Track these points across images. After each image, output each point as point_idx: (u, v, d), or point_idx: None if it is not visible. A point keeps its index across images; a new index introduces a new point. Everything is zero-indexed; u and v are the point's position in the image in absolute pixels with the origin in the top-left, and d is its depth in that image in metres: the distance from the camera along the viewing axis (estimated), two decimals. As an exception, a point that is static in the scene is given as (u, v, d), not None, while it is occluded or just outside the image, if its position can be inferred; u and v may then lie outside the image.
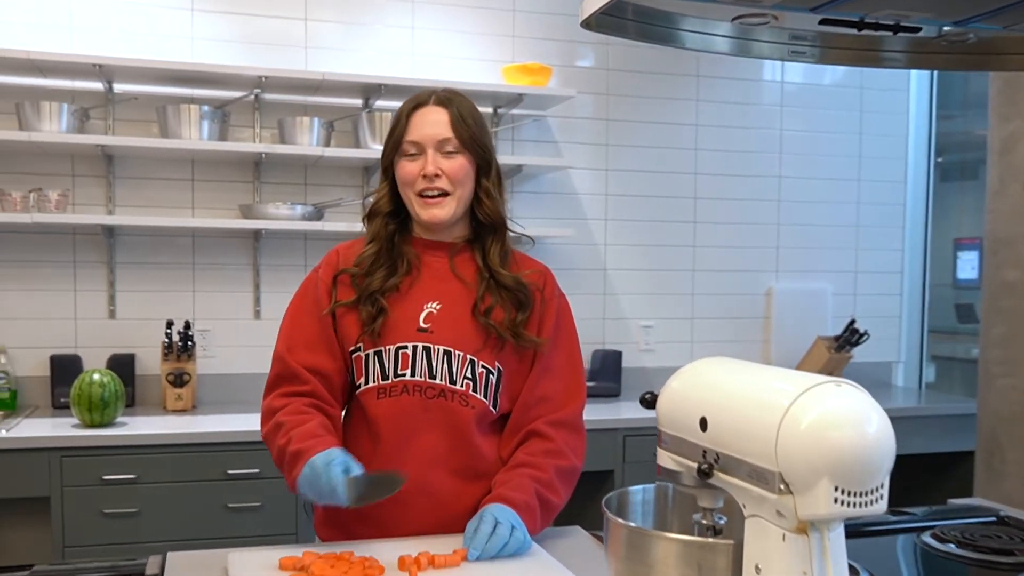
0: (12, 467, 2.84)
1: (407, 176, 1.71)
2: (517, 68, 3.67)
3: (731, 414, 1.10)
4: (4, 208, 3.19)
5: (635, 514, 1.37)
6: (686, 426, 1.16)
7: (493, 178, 1.76)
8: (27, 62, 3.13)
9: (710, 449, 1.12)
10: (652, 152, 4.09)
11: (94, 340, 3.44)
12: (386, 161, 1.75)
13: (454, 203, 1.70)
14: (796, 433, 0.99)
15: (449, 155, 1.69)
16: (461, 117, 1.70)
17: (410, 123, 1.71)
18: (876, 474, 1.00)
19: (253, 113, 3.57)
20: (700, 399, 1.16)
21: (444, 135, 1.69)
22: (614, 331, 4.09)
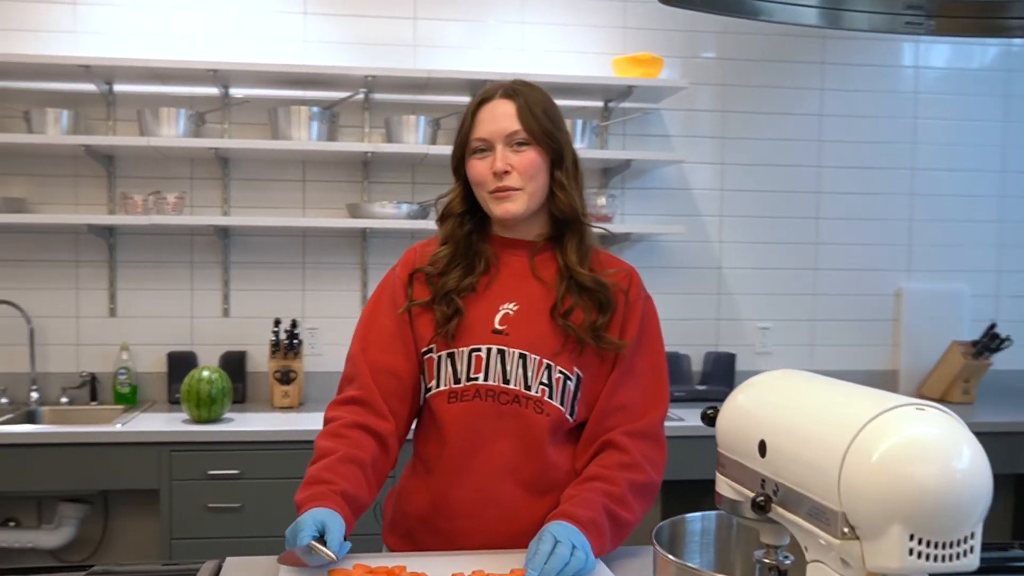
0: (125, 460, 2.95)
1: (478, 176, 1.64)
2: (627, 60, 3.56)
3: (792, 439, 0.95)
4: (127, 210, 3.32)
5: (692, 547, 1.24)
6: (745, 449, 1.03)
7: (567, 169, 1.67)
8: (146, 70, 3.25)
9: (769, 478, 0.98)
10: (772, 144, 3.90)
11: (209, 338, 3.55)
12: (456, 160, 1.70)
13: (526, 197, 1.62)
14: (864, 466, 0.83)
15: (519, 148, 1.62)
16: (528, 108, 1.62)
17: (477, 119, 1.65)
18: (964, 521, 0.83)
19: (362, 113, 3.60)
20: (761, 419, 1.01)
21: (512, 128, 1.62)
22: (728, 332, 3.93)
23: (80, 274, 3.48)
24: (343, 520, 1.45)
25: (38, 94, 3.41)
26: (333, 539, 1.39)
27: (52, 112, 3.23)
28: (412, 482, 1.72)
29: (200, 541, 2.97)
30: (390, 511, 1.77)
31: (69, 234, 3.44)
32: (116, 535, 3.49)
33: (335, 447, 1.56)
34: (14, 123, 3.34)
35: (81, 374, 3.43)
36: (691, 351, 3.82)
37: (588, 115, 3.67)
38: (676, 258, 3.85)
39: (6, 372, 3.42)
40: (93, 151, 3.28)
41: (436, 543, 1.64)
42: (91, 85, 3.36)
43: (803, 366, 4.13)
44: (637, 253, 3.82)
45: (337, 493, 1.48)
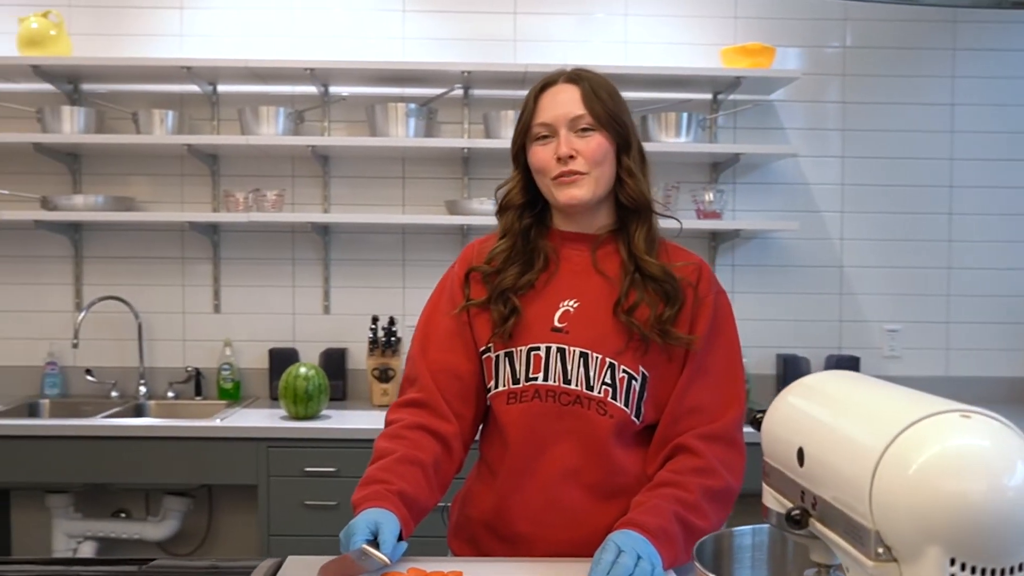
0: (225, 455, 2.98)
1: (540, 162, 1.56)
2: (736, 50, 3.37)
3: (827, 446, 0.84)
4: (228, 208, 3.36)
5: (741, 563, 1.10)
6: (786, 458, 0.91)
7: (634, 156, 1.57)
8: (246, 70, 3.28)
9: (808, 490, 0.87)
10: (898, 136, 3.62)
11: (310, 334, 3.56)
12: (516, 148, 1.61)
13: (592, 183, 1.54)
14: (899, 480, 0.72)
15: (584, 133, 1.53)
16: (593, 92, 1.54)
17: (539, 105, 1.57)
18: (1016, 547, 0.71)
19: (462, 109, 3.54)
20: (800, 424, 0.90)
21: (576, 112, 1.53)
22: (852, 335, 3.68)
23: (186, 271, 3.56)
24: (398, 521, 1.39)
25: (148, 96, 3.50)
26: (386, 541, 1.34)
27: (158, 113, 3.30)
28: (476, 485, 1.66)
29: (297, 538, 2.97)
30: (455, 515, 1.71)
31: (176, 232, 3.52)
32: (220, 529, 3.56)
33: (394, 448, 1.52)
34: (125, 125, 3.44)
35: (187, 369, 3.51)
36: (811, 354, 3.59)
37: (696, 108, 3.50)
38: (791, 256, 3.62)
39: (117, 366, 3.53)
40: (196, 150, 3.34)
41: (499, 549, 1.58)
42: (195, 86, 3.42)
43: (937, 371, 3.90)
44: (748, 251, 3.62)
45: (394, 493, 1.43)
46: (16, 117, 3.41)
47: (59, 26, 3.29)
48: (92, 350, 3.49)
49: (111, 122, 3.47)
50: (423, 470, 1.50)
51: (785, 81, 3.40)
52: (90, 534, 3.32)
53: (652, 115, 3.36)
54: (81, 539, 3.31)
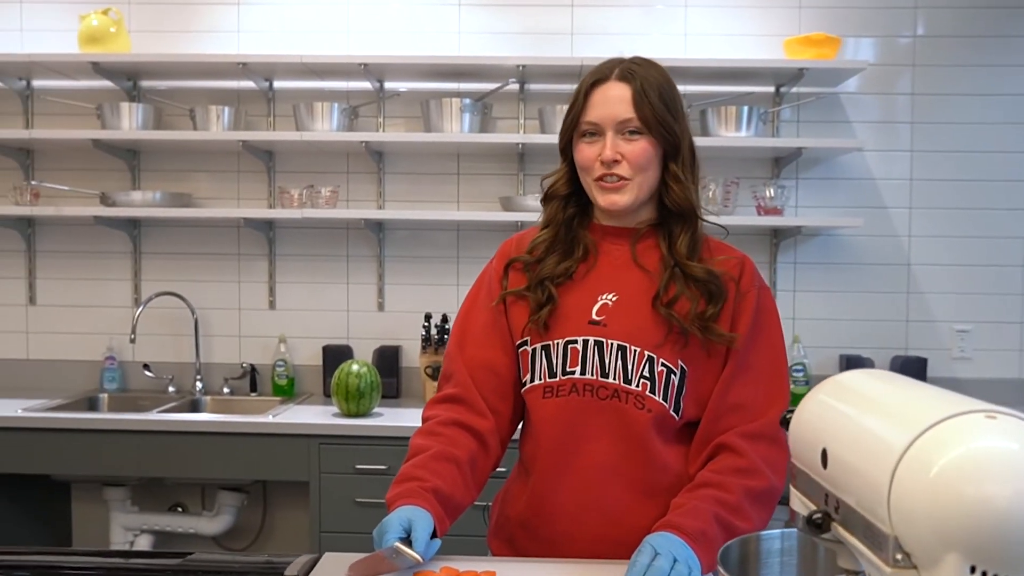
0: (278, 451, 2.98)
1: (584, 161, 1.53)
2: (799, 41, 3.26)
3: (849, 448, 0.80)
4: (283, 204, 3.36)
5: (770, 568, 1.05)
6: (810, 459, 0.87)
7: (682, 161, 1.53)
8: (301, 66, 3.27)
9: (831, 493, 0.83)
10: (972, 129, 3.48)
11: (363, 331, 3.55)
12: (563, 141, 1.58)
13: (635, 189, 1.51)
14: (919, 483, 0.69)
15: (631, 137, 1.49)
16: (644, 93, 1.48)
17: (589, 101, 1.53)
18: None
19: (518, 104, 3.49)
20: (825, 424, 0.86)
21: (624, 115, 1.49)
22: (919, 335, 3.55)
23: (242, 267, 3.57)
24: (432, 518, 1.37)
25: (205, 92, 3.52)
26: (419, 539, 1.32)
27: (215, 109, 3.32)
28: (515, 484, 1.64)
29: (349, 536, 2.95)
30: (495, 514, 1.69)
31: (231, 228, 3.54)
32: (273, 525, 3.57)
33: (429, 444, 1.50)
34: (182, 121, 3.46)
35: (242, 365, 3.52)
36: (876, 354, 3.48)
37: (758, 101, 3.41)
38: (856, 254, 3.51)
39: (175, 361, 3.56)
40: (251, 146, 3.34)
41: (537, 549, 1.55)
42: (251, 83, 3.42)
43: (1010, 373, 3.74)
44: (813, 248, 3.51)
45: (428, 490, 1.41)
46: (76, 114, 3.45)
47: (119, 23, 3.33)
48: (150, 345, 3.52)
49: (169, 118, 3.50)
50: (459, 467, 1.48)
51: (851, 72, 3.29)
52: (146, 527, 3.36)
53: (712, 109, 3.27)
54: (138, 532, 3.35)
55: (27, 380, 3.55)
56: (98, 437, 2.99)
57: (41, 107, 3.53)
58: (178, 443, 2.99)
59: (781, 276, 3.53)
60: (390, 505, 1.40)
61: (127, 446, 2.99)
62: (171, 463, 3.01)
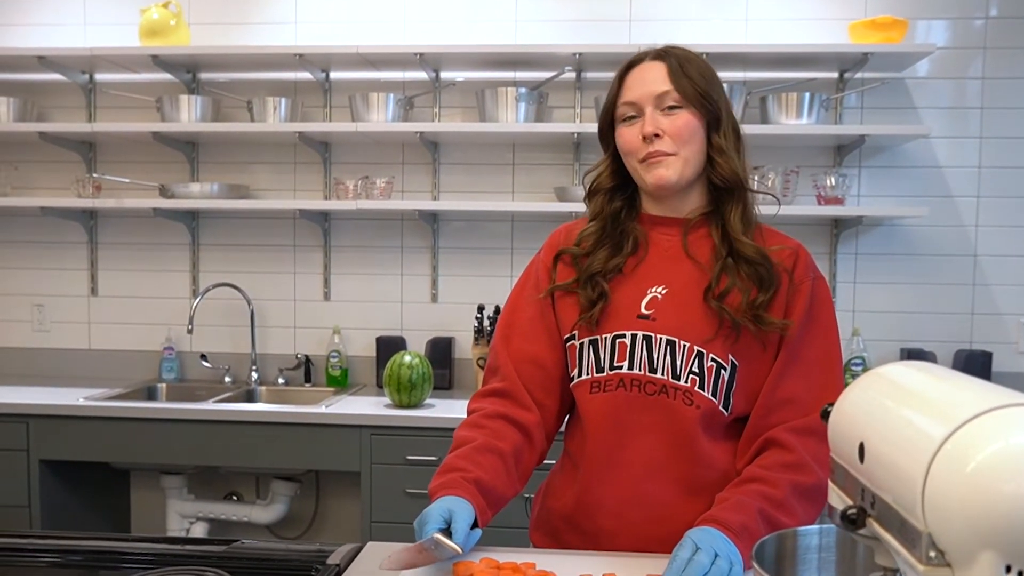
0: (330, 441, 2.99)
1: (627, 144, 1.49)
2: (865, 24, 3.18)
3: (885, 442, 0.77)
4: (338, 196, 3.37)
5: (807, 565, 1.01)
6: (848, 453, 0.84)
7: (725, 133, 1.49)
8: (357, 56, 3.27)
9: (868, 488, 0.80)
10: (1043, 114, 3.37)
11: (417, 323, 3.55)
12: (603, 132, 1.56)
13: (680, 163, 1.46)
14: (955, 479, 0.66)
15: (670, 111, 1.46)
16: (680, 68, 1.47)
17: (624, 84, 1.52)
18: None
19: (574, 93, 3.46)
20: (863, 417, 0.83)
21: (662, 89, 1.46)
22: (984, 328, 3.44)
23: (297, 258, 3.59)
24: (473, 509, 1.35)
25: (262, 84, 3.55)
26: (459, 530, 1.30)
27: (272, 101, 3.33)
28: (559, 477, 1.61)
29: (399, 526, 2.94)
30: (537, 507, 1.67)
31: (287, 219, 3.55)
32: (326, 514, 3.58)
33: (473, 436, 1.48)
34: (240, 113, 3.49)
35: (297, 356, 3.53)
36: (939, 348, 3.38)
37: (821, 87, 3.33)
38: (920, 244, 3.41)
39: (231, 352, 3.59)
40: (307, 138, 3.35)
41: (580, 543, 1.53)
42: (307, 74, 3.44)
43: (1076, 368, 3.62)
44: (875, 238, 3.43)
45: (470, 481, 1.39)
46: (136, 107, 3.50)
47: (178, 16, 3.36)
48: (207, 336, 3.56)
49: (227, 110, 3.53)
50: (502, 459, 1.45)
51: (918, 56, 3.20)
52: (202, 515, 3.39)
53: (772, 96, 3.21)
54: (194, 519, 3.38)
55: (89, 369, 3.61)
56: (156, 426, 3.02)
57: (103, 100, 3.59)
58: (233, 432, 3.01)
59: (841, 267, 3.45)
60: (432, 495, 1.39)
61: (184, 435, 3.02)
62: (226, 452, 3.04)
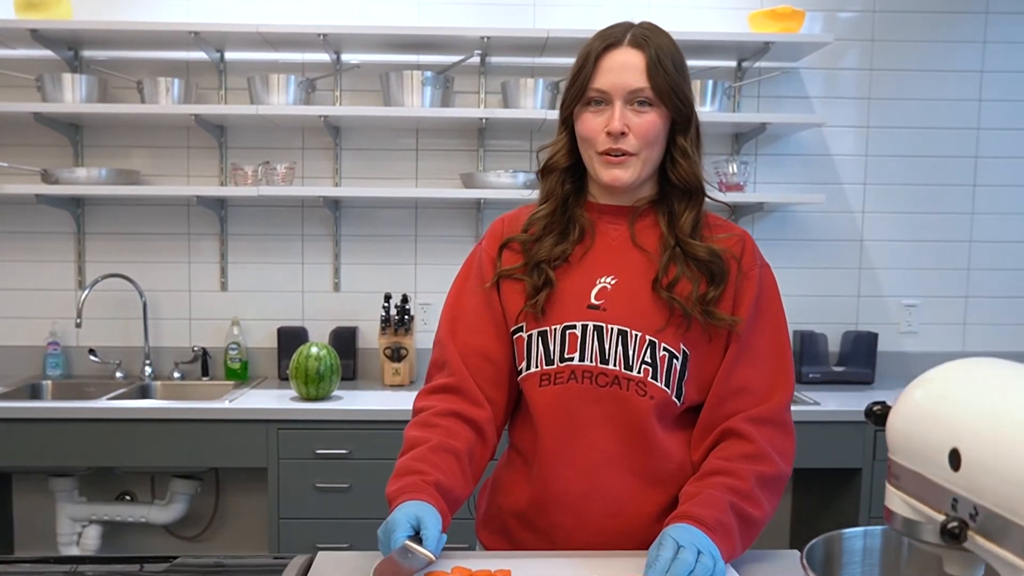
0: (234, 437, 2.87)
1: (589, 132, 1.44)
2: (764, 14, 3.25)
3: (998, 450, 0.73)
4: (236, 181, 3.24)
5: (851, 569, 1.01)
6: (930, 459, 0.81)
7: (691, 136, 1.46)
8: (256, 36, 3.14)
9: (964, 498, 0.76)
10: (924, 105, 3.53)
11: (319, 313, 3.45)
12: (566, 109, 1.48)
13: (639, 164, 1.43)
14: None
15: (640, 109, 1.41)
16: (659, 62, 1.40)
17: (598, 67, 1.43)
18: None
19: (478, 77, 3.42)
20: (952, 422, 0.80)
21: (636, 84, 1.40)
22: (870, 310, 3.60)
23: (192, 247, 3.43)
24: (439, 514, 1.30)
25: (152, 64, 3.36)
26: (429, 536, 1.25)
27: (164, 81, 3.16)
28: (508, 473, 1.56)
29: (308, 521, 2.88)
30: (484, 504, 1.62)
31: (181, 206, 3.39)
32: (227, 512, 3.46)
33: (427, 436, 1.41)
34: (129, 94, 3.30)
35: (193, 349, 3.39)
36: (828, 330, 3.52)
37: (720, 76, 3.40)
38: (813, 230, 3.54)
39: (122, 346, 3.40)
40: (203, 121, 3.20)
41: (534, 540, 1.49)
42: (202, 53, 3.27)
43: (953, 347, 3.82)
44: (770, 224, 3.53)
45: (431, 484, 1.34)
46: (15, 86, 3.25)
47: (58, -11, 3.14)
48: (95, 329, 3.37)
49: (114, 91, 3.32)
50: (458, 459, 1.40)
51: (815, 47, 3.29)
52: (95, 518, 3.21)
53: (675, 84, 3.25)
54: (86, 523, 3.20)
55: (-38, 367, 3.37)
56: (42, 426, 2.84)
57: (-27, 78, 3.33)
58: (129, 431, 2.86)
59: (739, 252, 3.53)
60: (392, 501, 1.32)
61: (74, 435, 2.84)
62: (121, 452, 2.88)
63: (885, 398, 3.14)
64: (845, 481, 3.01)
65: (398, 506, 1.30)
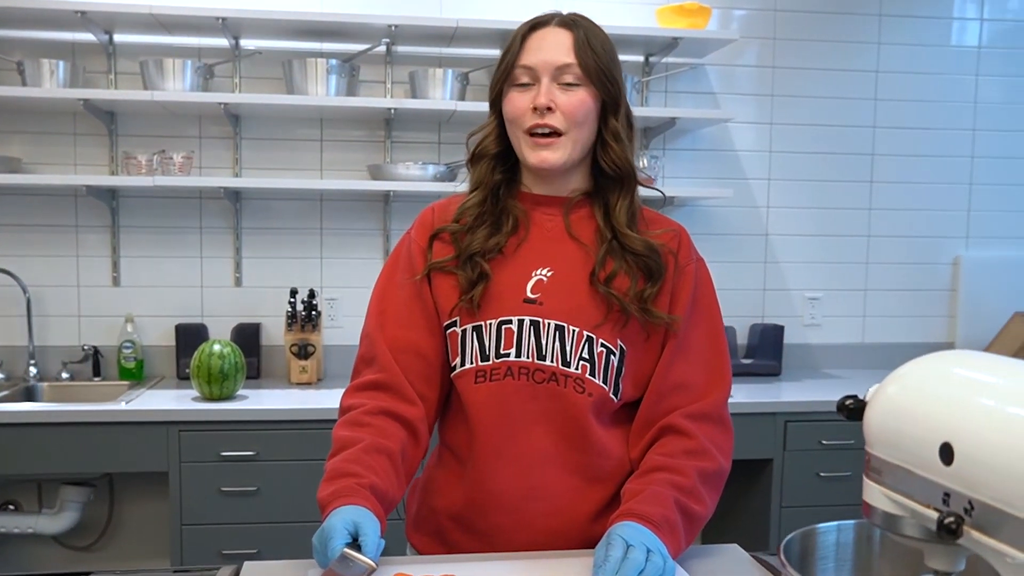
0: (132, 440, 2.72)
1: (515, 110, 1.40)
2: (672, 9, 3.27)
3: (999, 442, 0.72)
4: (129, 171, 3.07)
5: (826, 564, 1.00)
6: (916, 454, 0.80)
7: (623, 119, 1.43)
8: (149, 17, 2.97)
9: (958, 492, 0.75)
10: (824, 103, 3.61)
11: (220, 309, 3.31)
12: (494, 92, 1.44)
13: (569, 145, 1.39)
14: None
15: (568, 87, 1.38)
16: (587, 42, 1.38)
17: (525, 46, 1.40)
18: None
19: (385, 67, 3.33)
20: (943, 416, 0.79)
21: (564, 60, 1.37)
22: (776, 303, 3.67)
23: (81, 240, 3.23)
24: (377, 519, 1.24)
25: (33, 44, 3.15)
26: (369, 543, 1.19)
27: (48, 63, 2.97)
28: (440, 474, 1.50)
29: (213, 527, 2.75)
30: (415, 505, 1.55)
31: (68, 196, 3.19)
32: (123, 520, 3.29)
33: (359, 436, 1.35)
34: (8, 76, 3.09)
35: (83, 347, 3.20)
36: (736, 323, 3.57)
37: (627, 70, 3.39)
38: (720, 224, 3.58)
39: (4, 345, 3.20)
40: (93, 106, 3.02)
41: (470, 542, 1.44)
42: (90, 35, 3.09)
43: (854, 339, 3.94)
44: (679, 218, 3.45)
45: (366, 487, 1.27)
46: None
47: (-72, -38, 2.91)
48: (-27, 328, 3.15)
49: (-8, 73, 3.11)
50: (391, 460, 1.35)
51: (721, 43, 3.32)
52: (-24, 530, 3.01)
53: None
54: (-34, 536, 3.00)
55: None
56: (-85, 433, 2.63)
57: None
58: (12, 436, 2.68)
59: (649, 246, 3.55)
60: (325, 507, 1.25)
61: (-49, 441, 2.65)
62: (5, 458, 2.68)
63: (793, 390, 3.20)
64: (757, 472, 3.05)
65: (333, 511, 1.23)
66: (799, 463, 3.01)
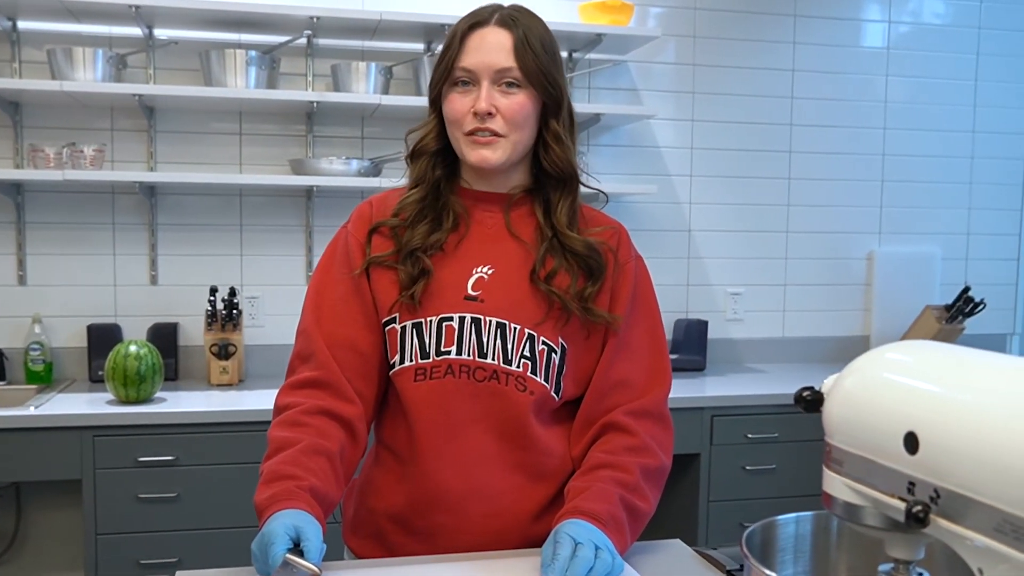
0: (42, 447, 2.60)
1: (455, 113, 1.38)
2: (595, 6, 3.28)
3: (964, 433, 0.73)
4: (36, 164, 2.93)
5: (784, 555, 1.00)
6: (879, 445, 0.80)
7: (564, 120, 1.41)
8: (57, 4, 2.85)
9: (923, 481, 0.76)
10: (743, 101, 3.68)
11: (134, 308, 3.19)
12: (434, 91, 1.42)
13: (509, 146, 1.38)
14: None
15: (508, 89, 1.36)
16: (527, 42, 1.36)
17: (464, 46, 1.38)
18: None
19: (305, 60, 3.25)
20: (906, 406, 0.79)
21: (503, 64, 1.35)
22: (699, 299, 3.71)
23: (-17, 237, 3.09)
24: (318, 522, 1.19)
25: (-69, 31, 3.00)
26: (311, 548, 1.14)
27: (-53, 51, 2.82)
28: (378, 474, 1.46)
29: (130, 536, 2.65)
30: (352, 507, 1.51)
31: (-31, 192, 3.04)
32: (32, 530, 3.14)
33: (297, 437, 1.30)
34: (-98, 64, 2.93)
35: (-13, 350, 3.05)
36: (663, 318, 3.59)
37: (552, 65, 3.39)
38: (645, 220, 3.60)
39: (-102, 349, 3.02)
40: (-4, 96, 2.88)
41: (412, 544, 1.41)
42: (-9, 21, 2.95)
43: (775, 333, 4.01)
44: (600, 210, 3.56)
45: (306, 490, 1.23)
46: None
47: None
48: None
49: None
50: (330, 461, 1.31)
51: (644, 40, 3.35)
52: None
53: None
54: None
55: None
56: None
57: None
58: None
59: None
60: (263, 511, 1.20)
61: None
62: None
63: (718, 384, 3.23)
64: (684, 467, 3.07)
65: (272, 516, 1.18)
66: (725, 457, 3.04)
